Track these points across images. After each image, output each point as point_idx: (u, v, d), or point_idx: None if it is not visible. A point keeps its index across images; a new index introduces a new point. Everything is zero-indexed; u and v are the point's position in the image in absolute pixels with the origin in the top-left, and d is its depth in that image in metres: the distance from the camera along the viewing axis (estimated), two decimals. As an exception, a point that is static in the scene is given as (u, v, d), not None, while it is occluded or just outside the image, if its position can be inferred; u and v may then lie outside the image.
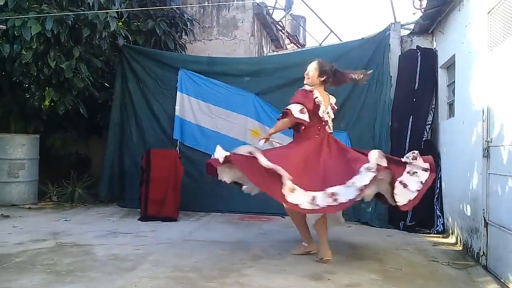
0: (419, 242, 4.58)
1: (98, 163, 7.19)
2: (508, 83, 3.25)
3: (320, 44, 9.63)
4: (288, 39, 10.89)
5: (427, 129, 5.56)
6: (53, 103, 6.19)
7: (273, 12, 9.84)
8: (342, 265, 3.62)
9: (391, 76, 5.75)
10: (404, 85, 5.73)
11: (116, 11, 5.83)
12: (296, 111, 3.85)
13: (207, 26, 7.94)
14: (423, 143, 5.50)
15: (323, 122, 3.94)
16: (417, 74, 5.65)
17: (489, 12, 3.67)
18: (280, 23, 10.18)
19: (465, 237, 4.18)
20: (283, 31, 10.30)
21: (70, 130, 7.29)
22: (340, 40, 9.03)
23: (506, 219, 3.22)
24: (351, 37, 17.07)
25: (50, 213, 5.76)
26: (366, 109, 5.82)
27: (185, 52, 7.45)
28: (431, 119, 5.58)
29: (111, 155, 6.44)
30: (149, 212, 5.37)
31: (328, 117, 3.98)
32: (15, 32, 5.16)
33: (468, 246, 4.07)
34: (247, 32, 7.82)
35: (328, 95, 4.07)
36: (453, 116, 4.94)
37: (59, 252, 3.83)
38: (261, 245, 4.25)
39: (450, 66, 5.24)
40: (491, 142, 3.57)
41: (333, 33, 9.57)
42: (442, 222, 5.04)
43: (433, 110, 5.58)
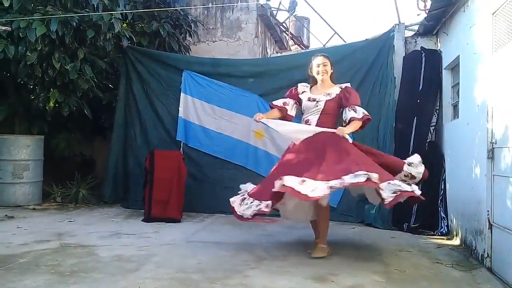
0: (423, 243, 4.56)
1: (102, 164, 7.21)
2: (512, 84, 3.24)
3: (324, 45, 9.59)
4: (292, 40, 10.89)
5: (431, 131, 5.55)
6: (57, 105, 6.22)
7: (277, 13, 9.83)
8: (345, 267, 3.61)
9: (395, 77, 5.72)
10: (408, 86, 5.72)
11: (120, 13, 5.84)
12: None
13: (211, 27, 7.94)
14: (427, 144, 5.49)
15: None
16: (421, 75, 5.64)
17: (493, 13, 3.65)
18: (284, 24, 10.16)
19: (470, 239, 4.16)
20: (287, 32, 10.30)
21: (74, 131, 7.31)
22: (344, 41, 9.01)
23: (510, 221, 3.21)
24: (355, 38, 17.06)
25: (54, 214, 5.78)
26: (370, 110, 5.68)
27: (189, 53, 7.45)
28: (436, 121, 5.57)
29: (115, 156, 6.45)
30: (153, 213, 5.37)
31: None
32: (20, 33, 5.18)
33: (472, 248, 4.05)
34: (251, 33, 7.82)
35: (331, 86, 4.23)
36: (458, 117, 4.91)
37: (63, 253, 3.84)
38: (264, 246, 4.25)
39: (454, 67, 5.22)
40: (496, 143, 3.55)
41: (337, 34, 9.55)
42: (446, 223, 5.01)
43: (438, 111, 5.56)
